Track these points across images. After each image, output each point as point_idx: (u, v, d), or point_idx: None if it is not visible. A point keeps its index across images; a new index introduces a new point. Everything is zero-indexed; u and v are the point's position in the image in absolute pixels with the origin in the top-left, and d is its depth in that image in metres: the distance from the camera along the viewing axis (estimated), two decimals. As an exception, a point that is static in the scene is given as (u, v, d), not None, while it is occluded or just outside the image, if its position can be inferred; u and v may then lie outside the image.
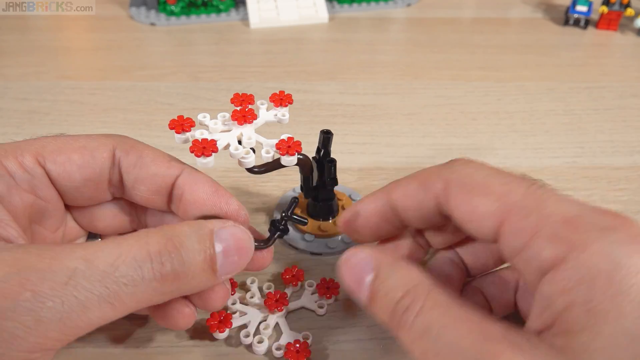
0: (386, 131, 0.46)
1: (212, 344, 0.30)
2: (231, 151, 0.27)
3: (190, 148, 0.26)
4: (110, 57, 0.55)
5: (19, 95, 0.49)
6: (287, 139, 0.27)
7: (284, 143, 0.27)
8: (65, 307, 0.19)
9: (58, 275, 0.19)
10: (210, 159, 0.26)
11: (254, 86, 0.51)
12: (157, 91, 0.50)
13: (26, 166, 0.25)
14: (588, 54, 0.57)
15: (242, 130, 0.28)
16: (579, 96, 0.50)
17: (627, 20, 0.61)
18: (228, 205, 0.27)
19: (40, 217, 0.27)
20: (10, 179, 0.25)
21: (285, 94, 0.29)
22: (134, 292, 0.21)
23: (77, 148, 0.27)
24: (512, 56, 0.56)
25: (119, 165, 0.27)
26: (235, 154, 0.27)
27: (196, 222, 0.24)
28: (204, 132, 0.28)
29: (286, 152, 0.27)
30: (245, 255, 0.24)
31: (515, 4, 0.66)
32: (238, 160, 0.27)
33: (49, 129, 0.45)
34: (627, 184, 0.40)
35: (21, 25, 0.61)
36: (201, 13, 0.61)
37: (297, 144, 0.27)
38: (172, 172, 0.27)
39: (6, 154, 0.25)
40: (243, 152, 0.27)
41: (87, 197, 0.28)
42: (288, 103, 0.29)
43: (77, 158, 0.27)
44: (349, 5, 0.64)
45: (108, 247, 0.21)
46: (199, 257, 0.22)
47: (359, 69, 0.54)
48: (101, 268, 0.20)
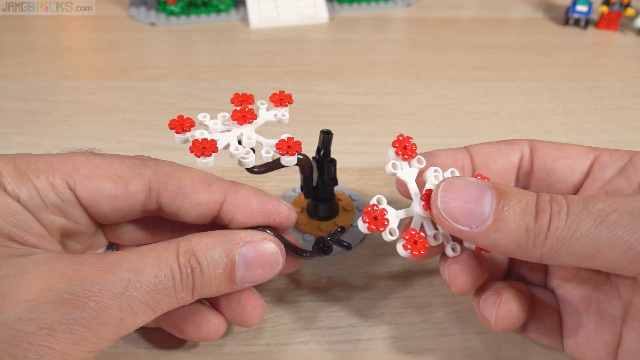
0: (386, 131, 0.46)
1: (213, 343, 0.30)
2: (231, 151, 0.27)
3: (190, 148, 0.26)
4: (110, 57, 0.55)
5: (19, 95, 0.49)
6: (287, 139, 0.27)
7: (284, 143, 0.27)
8: (122, 314, 0.22)
9: (115, 287, 0.22)
10: (210, 159, 0.26)
11: (254, 86, 0.51)
12: (157, 91, 0.50)
13: (56, 189, 0.26)
14: (588, 54, 0.57)
15: (242, 130, 0.28)
16: (579, 96, 0.50)
17: (627, 20, 0.61)
18: (279, 214, 0.27)
19: (71, 234, 0.27)
20: (41, 200, 0.25)
21: (285, 94, 0.29)
22: (169, 301, 0.24)
23: (110, 176, 0.26)
24: (512, 56, 0.56)
25: (158, 198, 0.27)
26: (235, 154, 0.27)
27: (222, 235, 0.25)
28: (204, 132, 0.28)
29: (286, 152, 0.27)
30: (270, 269, 0.26)
31: (515, 4, 0.66)
32: (238, 160, 0.27)
33: (49, 129, 0.45)
34: (627, 184, 0.40)
35: (21, 25, 0.61)
36: (201, 13, 0.61)
37: (297, 144, 0.27)
38: (215, 199, 0.27)
39: (38, 173, 0.25)
40: (243, 152, 0.27)
41: (118, 220, 0.28)
42: (288, 103, 0.29)
43: (110, 188, 0.26)
44: (349, 5, 0.64)
45: (149, 260, 0.23)
46: (219, 271, 0.25)
47: (359, 69, 0.54)
48: (148, 280, 0.23)
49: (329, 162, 0.33)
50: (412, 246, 0.24)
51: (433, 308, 0.32)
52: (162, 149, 0.43)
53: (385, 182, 0.40)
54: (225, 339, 0.30)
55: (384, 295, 0.33)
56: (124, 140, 0.44)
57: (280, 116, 0.29)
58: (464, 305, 0.32)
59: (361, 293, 0.33)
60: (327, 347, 0.30)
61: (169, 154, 0.43)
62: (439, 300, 0.33)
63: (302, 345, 0.30)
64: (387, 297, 0.33)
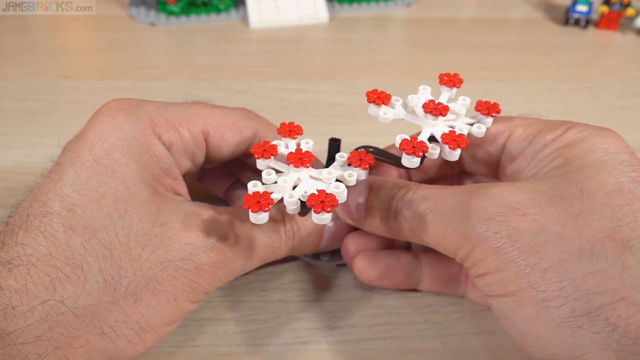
0: (386, 131, 0.46)
1: (213, 343, 0.30)
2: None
3: (244, 204, 0.24)
4: (110, 57, 0.55)
5: (19, 95, 0.49)
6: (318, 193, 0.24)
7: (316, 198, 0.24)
8: (245, 263, 0.28)
9: (244, 241, 0.28)
10: (265, 215, 0.24)
11: (254, 86, 0.51)
12: (157, 91, 0.50)
13: (195, 138, 0.29)
14: (588, 54, 0.57)
15: (298, 175, 0.25)
16: (579, 96, 0.50)
17: (627, 20, 0.61)
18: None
19: (185, 177, 0.30)
20: (183, 148, 0.29)
21: (362, 154, 0.26)
22: (275, 256, 0.30)
23: (230, 125, 0.30)
24: (512, 56, 0.56)
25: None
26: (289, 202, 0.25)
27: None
28: (257, 183, 0.25)
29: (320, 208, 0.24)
30: (340, 241, 0.32)
31: (515, 4, 0.66)
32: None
33: (49, 129, 0.45)
34: (627, 184, 0.40)
35: (21, 25, 0.61)
36: (201, 13, 0.61)
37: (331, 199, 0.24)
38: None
39: (181, 123, 0.28)
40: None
41: (217, 164, 0.33)
42: (368, 165, 0.26)
43: (230, 136, 0.30)
44: (349, 5, 0.64)
45: (267, 224, 0.27)
46: (310, 241, 0.31)
47: (359, 69, 0.54)
48: (265, 239, 0.29)
49: (332, 141, 0.30)
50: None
51: (433, 308, 0.32)
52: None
53: (385, 182, 0.40)
54: (225, 339, 0.30)
55: (383, 295, 0.33)
56: (124, 140, 0.44)
57: (346, 176, 0.26)
58: (464, 306, 0.32)
59: (361, 293, 0.33)
60: (327, 347, 0.30)
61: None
62: (439, 300, 0.33)
63: (302, 345, 0.30)
64: (387, 297, 0.33)
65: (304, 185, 0.25)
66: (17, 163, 0.41)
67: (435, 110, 0.27)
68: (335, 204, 0.24)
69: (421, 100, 0.28)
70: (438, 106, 0.28)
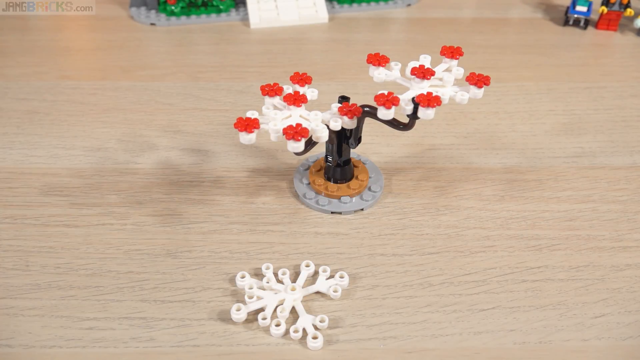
0: (386, 131, 0.46)
1: (213, 343, 0.30)
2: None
3: (235, 124, 0.30)
4: (110, 57, 0.55)
5: (19, 95, 0.49)
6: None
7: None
8: None
9: None
10: (252, 136, 0.30)
11: (254, 86, 0.51)
12: (157, 91, 0.50)
13: None
14: (588, 54, 0.57)
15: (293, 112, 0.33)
16: (579, 96, 0.50)
17: (627, 20, 0.61)
18: None
19: None
20: None
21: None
22: None
23: None
24: (512, 56, 0.56)
25: None
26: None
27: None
28: (255, 112, 0.32)
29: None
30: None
31: (515, 4, 0.66)
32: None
33: (49, 129, 0.45)
34: (626, 184, 0.40)
35: (21, 25, 0.61)
36: (201, 13, 0.61)
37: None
38: None
39: None
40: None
41: None
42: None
43: None
44: (349, 5, 0.64)
45: None
46: None
47: (359, 69, 0.54)
48: None
49: (342, 98, 0.35)
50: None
51: (433, 308, 0.32)
52: (162, 149, 0.43)
53: (385, 183, 0.40)
54: (224, 339, 0.30)
55: (383, 295, 0.33)
56: (124, 140, 0.44)
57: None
58: (464, 306, 0.32)
59: (361, 293, 0.33)
60: (327, 347, 0.30)
61: (169, 153, 0.43)
62: (439, 300, 0.33)
63: (302, 345, 0.30)
64: (386, 297, 0.33)
65: (292, 120, 0.32)
66: (18, 163, 0.42)
67: (419, 73, 0.32)
68: (305, 135, 0.31)
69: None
70: (423, 69, 0.32)
